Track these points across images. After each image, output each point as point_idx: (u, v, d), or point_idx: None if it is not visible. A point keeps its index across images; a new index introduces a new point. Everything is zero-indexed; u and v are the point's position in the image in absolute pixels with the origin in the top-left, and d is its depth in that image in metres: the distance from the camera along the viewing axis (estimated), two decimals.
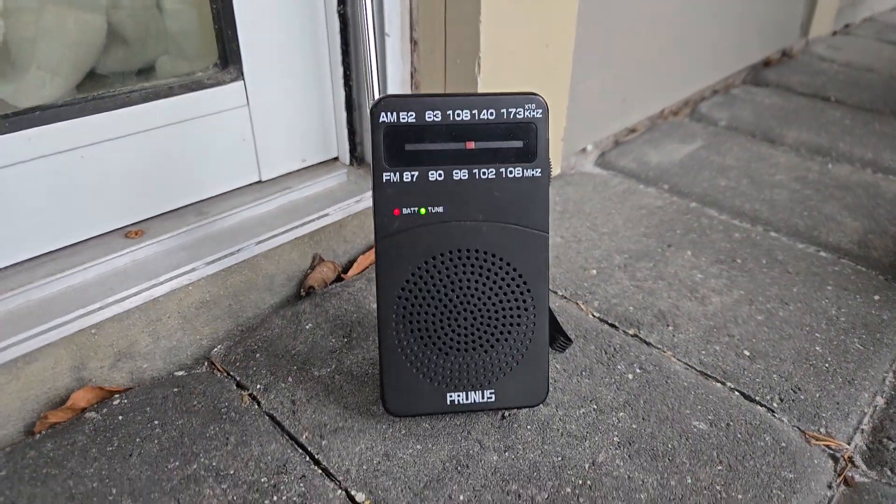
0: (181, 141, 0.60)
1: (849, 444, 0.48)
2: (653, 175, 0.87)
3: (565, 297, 0.63)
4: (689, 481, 0.44)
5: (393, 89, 0.67)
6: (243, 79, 0.62)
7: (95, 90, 0.56)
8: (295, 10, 0.62)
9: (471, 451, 0.46)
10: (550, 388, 0.51)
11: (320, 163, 0.72)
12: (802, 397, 0.52)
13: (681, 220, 0.77)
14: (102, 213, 0.57)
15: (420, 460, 0.45)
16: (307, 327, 0.58)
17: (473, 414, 0.49)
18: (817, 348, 0.57)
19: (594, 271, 0.67)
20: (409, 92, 0.69)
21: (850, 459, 0.47)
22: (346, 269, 0.67)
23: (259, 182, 0.68)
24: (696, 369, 0.54)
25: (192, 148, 0.61)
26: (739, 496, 0.43)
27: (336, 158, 0.73)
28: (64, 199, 0.54)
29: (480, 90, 0.62)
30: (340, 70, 0.67)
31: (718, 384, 0.53)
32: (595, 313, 0.61)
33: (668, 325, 0.59)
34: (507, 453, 0.46)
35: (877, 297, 0.64)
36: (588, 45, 0.79)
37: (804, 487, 0.44)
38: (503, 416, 0.49)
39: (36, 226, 0.53)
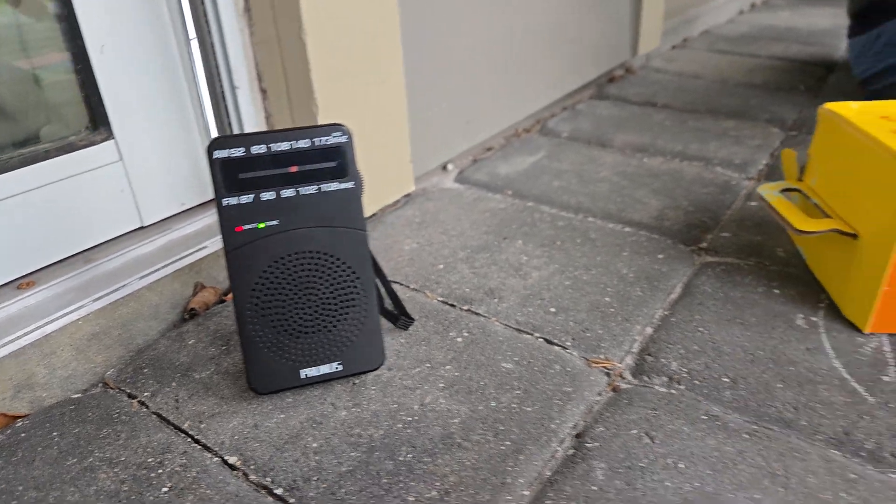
0: (62, 198, 0.69)
1: (620, 363, 0.62)
2: (500, 184, 1.02)
3: (416, 290, 0.75)
4: (493, 405, 0.57)
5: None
6: (114, 138, 0.72)
7: None
8: (154, 72, 0.73)
9: (325, 412, 0.57)
10: (394, 357, 0.63)
11: (198, 205, 0.83)
12: (589, 335, 0.66)
13: (517, 217, 0.91)
14: None
15: (283, 425, 0.56)
16: (190, 343, 0.67)
17: (329, 384, 0.60)
18: (607, 299, 0.72)
19: (441, 266, 0.80)
20: None
21: (620, 374, 0.61)
22: (226, 293, 0.77)
23: (142, 227, 0.78)
24: (512, 327, 0.68)
25: (73, 203, 0.70)
26: (529, 409, 0.56)
27: (213, 200, 0.84)
28: None
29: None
30: (204, 122, 0.78)
31: (528, 335, 0.66)
32: (439, 298, 0.74)
33: (494, 299, 0.73)
34: (354, 409, 0.57)
35: (661, 256, 0.80)
36: (425, 78, 0.93)
37: (578, 396, 0.58)
38: (354, 383, 0.60)
39: None
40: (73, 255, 0.72)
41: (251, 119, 0.77)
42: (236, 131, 0.76)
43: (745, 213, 0.90)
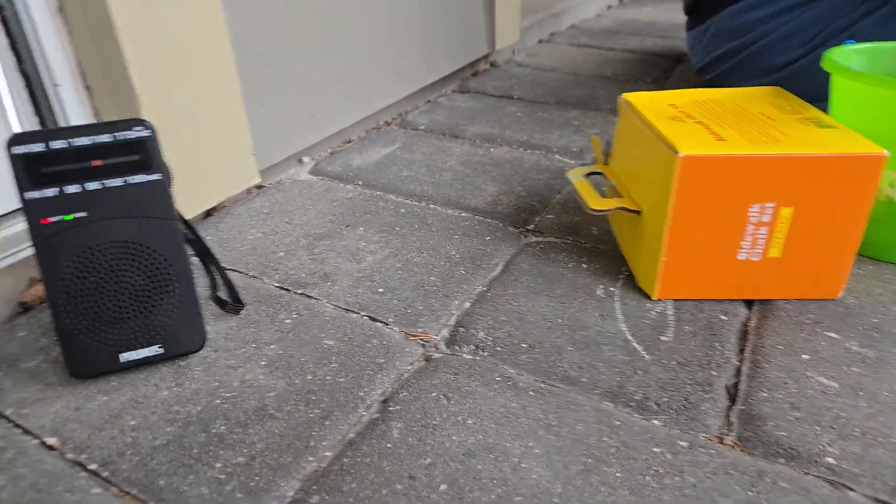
0: None
1: (437, 336, 0.70)
2: (352, 175, 1.08)
3: (253, 276, 0.80)
4: (309, 378, 0.63)
5: None
6: None
7: None
8: None
9: (147, 393, 0.61)
10: (222, 340, 0.68)
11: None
12: (410, 312, 0.73)
13: (363, 205, 0.97)
14: None
15: (104, 407, 0.59)
16: (20, 335, 0.69)
17: (155, 367, 0.64)
18: (432, 279, 0.79)
19: (282, 253, 0.84)
20: None
21: (435, 345, 0.69)
22: None
23: None
24: (341, 308, 0.74)
25: None
26: (342, 380, 0.62)
27: None
28: None
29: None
30: (36, 119, 0.79)
31: (354, 314, 0.73)
32: (275, 284, 0.78)
33: (328, 282, 0.78)
34: (176, 388, 0.61)
35: (488, 238, 0.88)
36: (260, 75, 0.97)
37: (390, 366, 0.65)
38: (179, 365, 0.64)
39: None
40: None
41: (78, 116, 0.78)
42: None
43: (572, 196, 1.00)
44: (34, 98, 0.78)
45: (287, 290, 0.77)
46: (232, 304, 0.72)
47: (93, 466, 0.53)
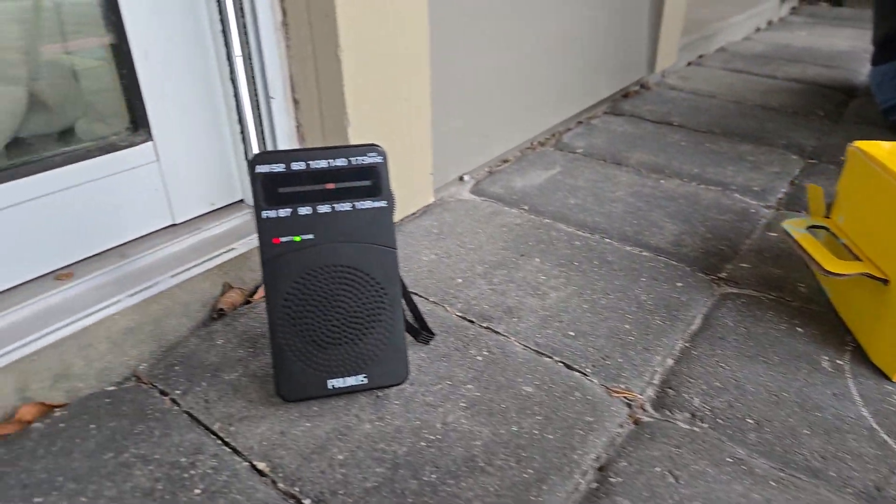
0: (101, 194, 0.71)
1: (641, 394, 0.65)
2: (516, 198, 1.04)
3: (435, 303, 0.78)
4: (515, 429, 0.59)
5: (282, 140, 0.81)
6: (153, 140, 0.74)
7: (22, 154, 0.67)
8: (193, 80, 0.75)
9: (350, 424, 0.59)
10: (416, 372, 0.65)
11: (228, 205, 0.85)
12: (609, 363, 0.68)
13: (534, 233, 0.93)
14: (35, 261, 0.67)
15: (309, 434, 0.58)
16: (219, 342, 0.70)
17: (354, 395, 0.62)
18: (626, 326, 0.74)
19: (460, 280, 0.82)
20: (296, 142, 0.83)
21: (641, 406, 0.63)
22: (252, 294, 0.79)
23: (173, 225, 0.80)
24: (532, 349, 0.70)
25: (111, 199, 0.72)
26: (551, 436, 0.58)
27: (241, 200, 0.86)
28: (1, 251, 0.64)
29: (351, 139, 0.77)
30: (238, 127, 0.80)
31: (547, 359, 0.68)
32: (458, 313, 0.76)
33: (513, 318, 0.75)
34: (378, 422, 0.59)
35: (679, 284, 0.82)
36: (446, 94, 0.95)
37: (600, 427, 0.60)
38: (377, 396, 0.62)
39: None
40: (108, 250, 0.74)
41: (283, 128, 0.79)
42: (268, 139, 0.78)
43: (765, 243, 0.92)
44: (239, 108, 0.79)
45: (471, 321, 0.74)
46: (424, 333, 0.69)
47: (307, 502, 0.52)
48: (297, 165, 0.56)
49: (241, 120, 0.80)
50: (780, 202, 1.05)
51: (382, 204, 0.58)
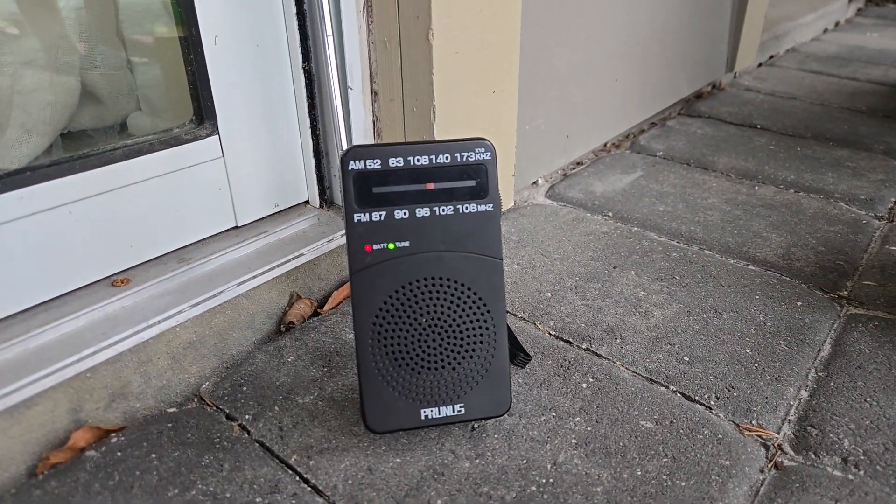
0: (161, 192, 0.64)
1: (778, 433, 0.55)
2: (598, 203, 0.95)
3: (524, 319, 0.69)
4: (639, 473, 0.50)
5: (357, 137, 0.74)
6: (218, 133, 0.67)
7: (76, 148, 0.61)
8: (264, 68, 0.69)
9: (445, 461, 0.51)
10: (514, 400, 0.57)
11: (292, 206, 0.78)
12: (736, 394, 0.59)
13: (624, 243, 0.84)
14: (89, 264, 0.61)
15: (400, 471, 0.50)
16: (289, 360, 0.62)
17: (446, 427, 0.54)
18: (748, 351, 0.64)
19: (549, 294, 0.73)
20: (372, 139, 0.76)
21: (780, 446, 0.54)
22: (321, 305, 0.72)
23: (236, 227, 0.73)
24: (642, 375, 0.61)
25: (171, 199, 0.65)
26: (683, 483, 0.49)
27: (307, 202, 0.79)
28: (54, 252, 0.58)
29: (436, 135, 0.69)
30: (308, 121, 0.73)
31: (662, 387, 0.59)
32: (551, 332, 0.67)
33: (616, 339, 0.66)
34: (477, 460, 0.51)
35: (799, 304, 0.72)
36: (532, 89, 0.87)
37: (739, 472, 0.51)
38: (473, 428, 0.54)
39: (28, 279, 0.57)
40: (167, 254, 0.67)
41: (359, 122, 0.72)
42: (343, 134, 0.71)
43: (886, 258, 0.81)
44: (312, 98, 0.72)
45: (568, 342, 0.65)
46: (521, 355, 0.61)
47: None
48: (395, 162, 0.48)
49: (311, 113, 0.72)
50: (891, 213, 0.94)
51: (489, 208, 0.50)
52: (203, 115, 0.67)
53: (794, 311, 0.71)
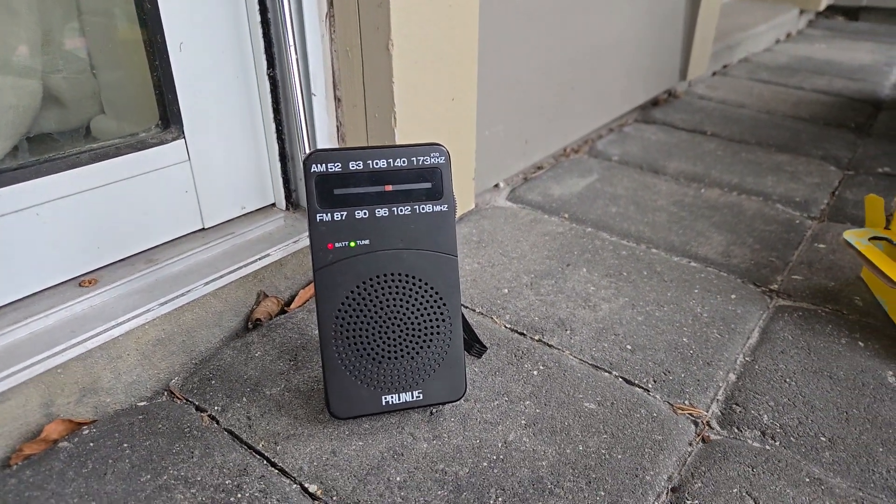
0: (128, 195, 0.67)
1: (707, 411, 0.60)
2: (555, 206, 1.00)
3: (482, 314, 0.73)
4: (581, 448, 0.55)
5: (322, 142, 0.77)
6: (184, 137, 0.70)
7: (41, 151, 0.63)
8: (230, 74, 0.71)
9: (405, 442, 0.55)
10: (469, 387, 0.61)
11: (259, 209, 0.81)
12: (672, 378, 0.64)
13: (578, 243, 0.89)
14: (57, 265, 0.63)
15: (362, 453, 0.53)
16: (256, 355, 0.65)
17: (406, 413, 0.58)
18: (684, 339, 0.70)
19: (506, 290, 0.78)
20: (336, 143, 0.79)
21: (707, 423, 0.59)
22: (288, 303, 0.75)
23: (203, 229, 0.75)
24: (588, 363, 0.66)
25: (138, 201, 0.68)
26: (619, 456, 0.54)
27: (273, 204, 0.82)
28: (21, 254, 0.60)
29: (398, 140, 0.73)
30: (273, 125, 0.76)
31: (606, 373, 0.64)
32: (507, 325, 0.71)
33: (566, 330, 0.70)
34: (434, 441, 0.55)
35: (733, 296, 0.78)
36: (490, 96, 0.92)
37: (670, 446, 0.55)
38: (431, 413, 0.58)
39: None
40: (134, 255, 0.70)
41: (324, 127, 0.75)
42: (307, 139, 0.74)
43: (814, 255, 0.88)
44: (277, 103, 0.75)
45: (522, 334, 0.70)
46: (477, 346, 0.65)
47: None
48: (355, 165, 0.52)
49: (276, 118, 0.76)
50: (823, 213, 1.01)
51: (444, 208, 0.54)
52: (169, 120, 0.69)
53: (729, 303, 0.76)
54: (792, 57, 2.16)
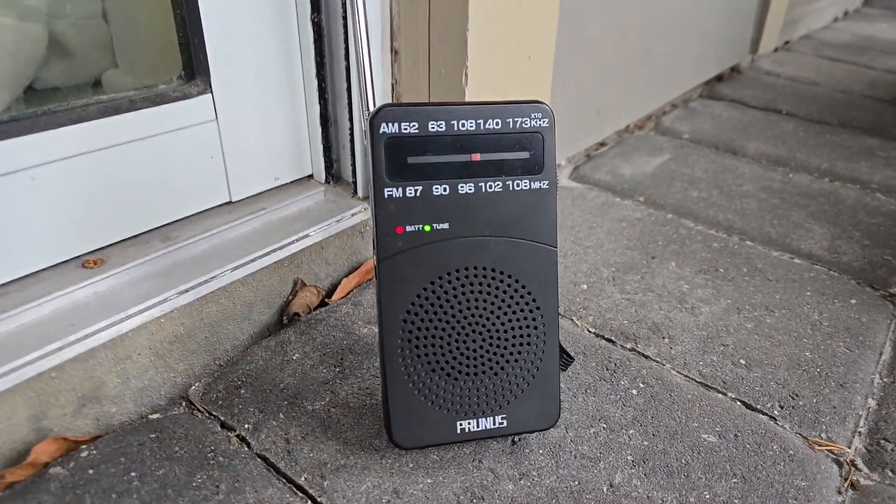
0: (143, 159, 0.55)
1: (849, 447, 0.49)
2: (627, 187, 0.88)
3: (560, 314, 0.61)
4: (708, 496, 0.43)
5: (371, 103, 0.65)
6: (211, 92, 0.58)
7: (44, 104, 0.51)
8: (266, 17, 0.59)
9: (484, 482, 0.43)
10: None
11: (294, 181, 0.69)
12: (801, 403, 0.52)
13: (660, 231, 0.77)
14: (55, 242, 0.51)
15: (432, 495, 0.42)
16: (294, 357, 0.54)
17: (482, 441, 0.46)
18: (807, 353, 0.57)
19: (585, 286, 0.66)
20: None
21: (853, 463, 0.47)
22: (329, 294, 0.63)
23: (229, 202, 0.64)
24: (696, 381, 0.54)
25: (155, 167, 0.56)
26: None
27: (311, 176, 0.70)
28: (11, 226, 0.48)
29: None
30: (315, 83, 0.64)
31: (720, 395, 0.52)
32: (591, 328, 0.60)
33: (663, 338, 0.59)
34: (522, 481, 0.43)
35: (853, 301, 0.66)
36: (564, 57, 0.79)
37: (817, 495, 0.44)
38: (513, 442, 0.46)
39: None
40: (148, 231, 0.58)
41: (376, 85, 0.63)
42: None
43: None
44: (321, 56, 0.63)
45: (611, 341, 0.58)
46: (563, 357, 0.53)
47: None
48: (435, 126, 0.40)
49: (319, 73, 0.63)
50: None
51: (544, 185, 0.42)
52: (194, 70, 0.57)
53: (849, 309, 0.64)
54: (855, 35, 2.00)
